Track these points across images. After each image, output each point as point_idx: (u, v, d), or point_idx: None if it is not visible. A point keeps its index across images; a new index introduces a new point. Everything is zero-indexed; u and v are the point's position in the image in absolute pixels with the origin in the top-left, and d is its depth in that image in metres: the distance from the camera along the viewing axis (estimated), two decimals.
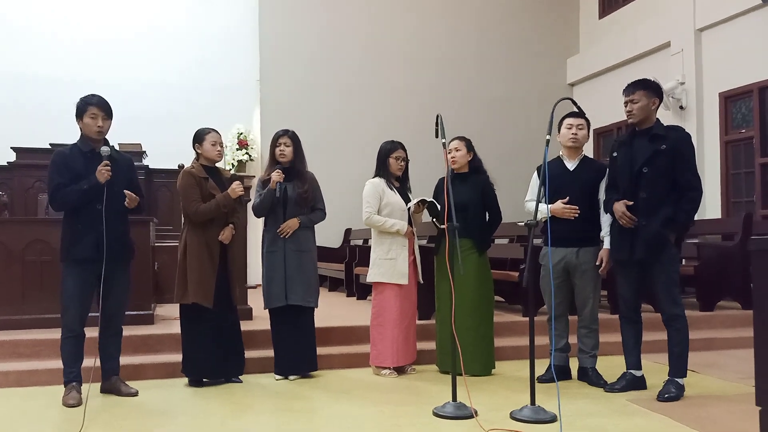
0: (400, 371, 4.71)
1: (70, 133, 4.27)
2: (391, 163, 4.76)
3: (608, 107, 9.51)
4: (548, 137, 3.75)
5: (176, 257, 4.42)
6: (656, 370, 4.44)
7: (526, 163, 7.42)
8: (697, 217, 4.06)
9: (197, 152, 4.50)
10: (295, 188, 4.59)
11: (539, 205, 3.86)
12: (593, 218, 4.28)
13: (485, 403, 3.81)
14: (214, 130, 4.51)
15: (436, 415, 3.61)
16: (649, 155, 3.90)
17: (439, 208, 4.49)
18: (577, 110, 4.28)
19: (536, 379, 3.74)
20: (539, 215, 3.90)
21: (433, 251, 4.91)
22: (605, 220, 4.20)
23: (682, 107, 8.80)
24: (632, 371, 4.13)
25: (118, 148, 4.57)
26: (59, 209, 4.06)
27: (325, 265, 8.64)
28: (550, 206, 4.25)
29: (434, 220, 4.68)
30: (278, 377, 4.57)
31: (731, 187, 8.43)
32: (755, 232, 6.27)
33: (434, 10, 10.91)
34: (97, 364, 4.01)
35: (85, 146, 4.04)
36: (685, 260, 6.56)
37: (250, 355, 4.68)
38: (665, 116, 8.04)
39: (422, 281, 4.85)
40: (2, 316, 5.06)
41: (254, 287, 6.88)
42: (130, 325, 4.62)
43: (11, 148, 7.50)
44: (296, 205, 4.59)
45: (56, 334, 4.12)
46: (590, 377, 4.32)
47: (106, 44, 9.73)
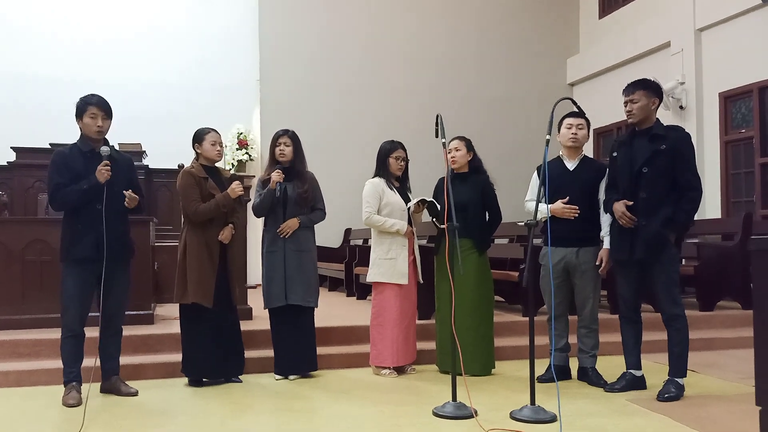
0: (399, 371, 4.71)
1: (70, 133, 4.27)
2: (390, 162, 4.76)
3: (608, 107, 9.51)
4: (548, 137, 3.75)
5: (176, 257, 4.42)
6: (656, 370, 4.44)
7: (526, 163, 7.43)
8: (697, 217, 4.06)
9: (197, 152, 4.50)
10: (295, 188, 4.59)
11: (539, 204, 3.86)
12: (593, 218, 4.28)
13: (485, 403, 3.81)
14: (213, 129, 4.52)
15: (436, 415, 3.61)
16: (648, 155, 3.90)
17: (438, 207, 4.49)
18: (577, 110, 4.28)
19: (536, 379, 3.74)
20: (539, 215, 3.90)
21: (433, 251, 4.91)
22: (605, 219, 4.20)
23: (682, 107, 8.80)
24: (632, 371, 4.13)
25: (117, 147, 4.57)
26: (59, 209, 4.06)
27: (325, 264, 8.64)
28: (550, 206, 4.25)
29: (434, 219, 4.68)
30: (278, 377, 4.57)
31: (731, 187, 8.43)
32: (755, 232, 6.27)
33: (434, 10, 10.92)
34: (97, 364, 4.01)
35: (84, 146, 4.04)
36: (685, 260, 6.56)
37: (249, 355, 4.68)
38: (665, 116, 8.05)
39: (422, 281, 4.85)
40: (2, 315, 5.06)
41: (254, 287, 6.88)
42: (130, 324, 4.62)
43: (11, 147, 7.49)
44: (296, 205, 4.59)
45: (56, 334, 4.12)
46: (590, 377, 4.32)
47: (106, 44, 9.73)
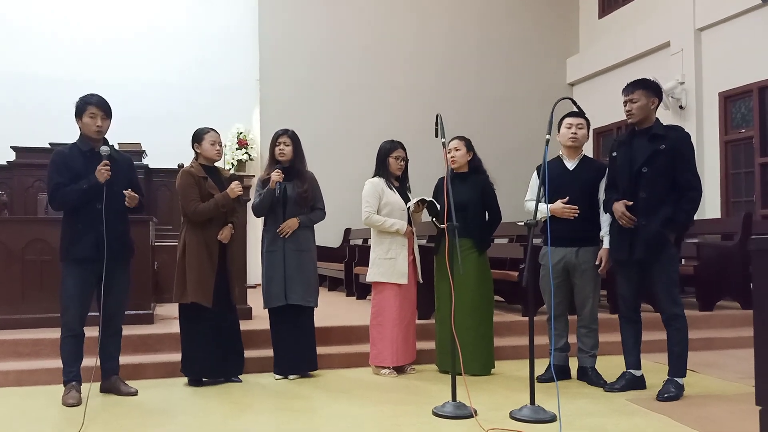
0: (399, 371, 4.71)
1: (69, 132, 4.27)
2: (390, 162, 4.76)
3: (608, 107, 9.51)
4: (548, 137, 3.75)
5: (176, 257, 4.42)
6: (656, 369, 4.44)
7: (526, 163, 7.42)
8: (696, 216, 4.06)
9: (196, 152, 4.50)
10: (294, 188, 4.59)
11: (539, 204, 3.86)
12: (593, 218, 4.28)
13: (485, 402, 3.81)
14: (213, 129, 4.52)
15: (435, 414, 3.61)
16: (648, 155, 3.90)
17: (438, 207, 4.49)
18: (576, 110, 4.28)
19: (536, 378, 3.73)
20: (539, 215, 3.90)
21: (432, 251, 4.91)
22: (605, 219, 4.20)
23: (681, 107, 8.80)
24: (632, 371, 4.13)
25: (117, 147, 4.57)
26: (59, 209, 4.06)
27: (324, 264, 8.63)
28: (549, 206, 4.25)
29: (434, 219, 4.68)
30: (278, 377, 4.57)
31: (731, 186, 8.43)
32: (755, 231, 6.27)
33: (434, 9, 10.91)
34: (97, 363, 4.01)
35: (84, 146, 4.04)
36: (684, 260, 6.56)
37: (249, 354, 4.68)
38: (665, 116, 8.05)
39: (422, 281, 4.85)
40: (2, 315, 5.05)
41: (254, 287, 6.88)
42: (129, 324, 4.62)
43: (11, 147, 7.51)
44: (296, 204, 4.59)
45: (56, 333, 4.12)
46: (590, 377, 4.32)
47: (106, 44, 9.73)
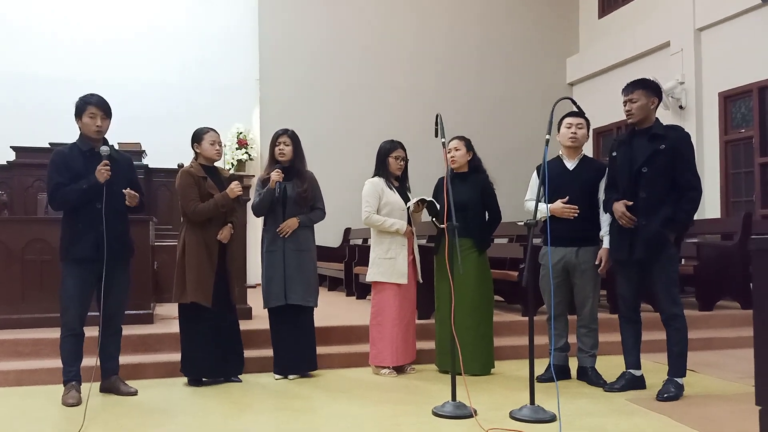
0: (399, 370, 4.71)
1: (69, 132, 4.27)
2: (390, 162, 4.76)
3: (608, 107, 9.50)
4: (548, 137, 3.75)
5: (176, 256, 4.42)
6: (656, 369, 4.44)
7: (526, 163, 7.41)
8: (696, 216, 4.06)
9: (196, 152, 4.50)
10: (294, 187, 4.59)
11: (539, 204, 3.86)
12: (593, 218, 4.28)
13: (485, 402, 3.81)
14: (212, 129, 4.52)
15: (435, 414, 3.61)
16: (648, 155, 3.89)
17: (438, 207, 4.49)
18: (576, 110, 4.28)
19: (536, 378, 3.73)
20: (539, 215, 3.90)
21: (432, 251, 4.91)
22: (605, 219, 4.20)
23: (681, 107, 8.80)
24: (631, 371, 4.13)
25: (117, 147, 4.57)
26: (59, 208, 4.06)
27: (324, 264, 8.63)
28: (549, 206, 4.25)
29: (434, 219, 4.68)
30: (278, 377, 4.57)
31: (731, 186, 8.43)
32: (755, 231, 6.28)
33: (434, 9, 10.91)
34: (96, 363, 4.01)
35: (84, 145, 4.04)
36: (684, 260, 6.56)
37: (249, 354, 4.67)
38: (665, 116, 8.05)
39: (421, 281, 4.85)
40: (2, 315, 5.05)
41: (254, 287, 6.88)
42: (129, 324, 4.62)
43: (11, 147, 7.51)
44: (296, 204, 4.59)
45: (56, 333, 4.11)
46: (590, 377, 4.32)
47: (106, 44, 9.73)
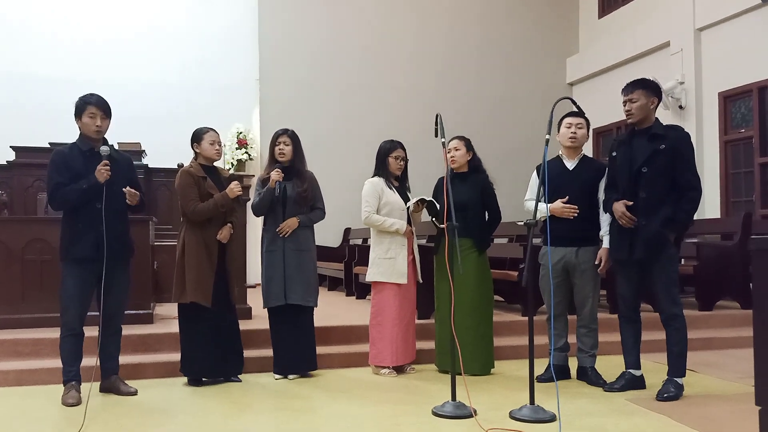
0: (399, 370, 4.71)
1: (69, 132, 4.27)
2: (390, 162, 4.76)
3: (608, 107, 9.50)
4: (548, 137, 3.75)
5: (175, 256, 4.42)
6: (655, 369, 4.44)
7: (526, 163, 7.41)
8: (696, 216, 4.06)
9: (195, 152, 4.50)
10: (294, 187, 4.59)
11: (539, 204, 3.86)
12: (593, 217, 4.28)
13: (484, 402, 3.81)
14: (212, 129, 4.52)
15: (435, 414, 3.60)
16: (648, 155, 3.89)
17: (438, 207, 4.49)
18: (576, 110, 4.28)
19: (535, 378, 3.73)
20: (538, 214, 3.90)
21: (432, 251, 4.91)
22: (604, 219, 4.20)
23: (681, 107, 8.80)
24: (631, 371, 4.13)
25: (117, 147, 4.57)
26: (58, 208, 4.06)
27: (324, 264, 8.64)
28: (549, 205, 4.25)
29: (433, 219, 4.68)
30: (277, 376, 4.57)
31: (730, 186, 8.43)
32: (754, 231, 6.28)
33: (434, 10, 10.91)
34: (96, 363, 4.01)
35: (84, 145, 4.03)
36: (684, 260, 6.57)
37: (249, 354, 4.68)
38: (665, 116, 8.05)
39: (421, 281, 4.85)
40: (2, 315, 5.05)
41: (254, 286, 6.88)
42: (129, 324, 4.61)
43: (11, 147, 7.51)
44: (295, 204, 4.59)
45: (56, 333, 4.11)
46: (589, 377, 4.32)
47: (106, 44, 9.74)
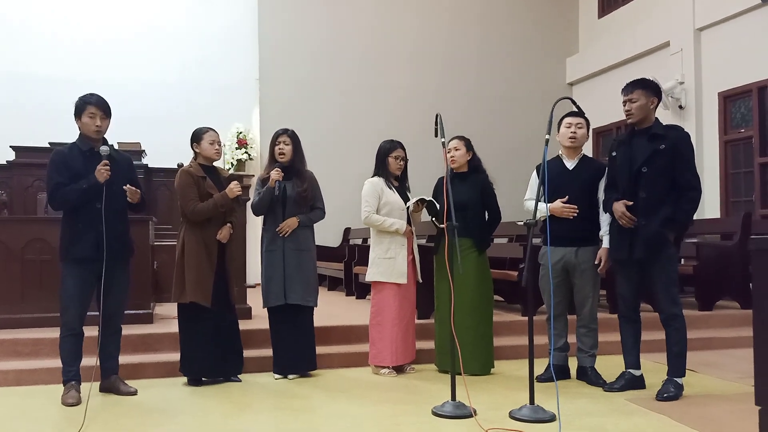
0: (399, 370, 4.71)
1: (69, 132, 4.27)
2: (390, 162, 4.76)
3: (607, 107, 9.50)
4: (547, 137, 3.75)
5: (175, 256, 4.42)
6: (655, 369, 4.44)
7: (526, 162, 7.40)
8: (696, 216, 4.06)
9: (195, 151, 4.50)
10: (294, 187, 4.59)
11: (538, 203, 3.86)
12: (592, 217, 4.28)
13: (484, 402, 3.81)
14: (211, 129, 4.52)
15: (435, 414, 3.60)
16: (648, 155, 3.89)
17: (438, 207, 4.49)
18: (576, 109, 4.28)
19: (535, 378, 3.73)
20: (538, 214, 3.90)
21: (432, 250, 4.91)
22: (604, 219, 4.20)
23: (681, 107, 8.80)
24: (631, 370, 4.13)
25: (117, 147, 4.57)
26: (58, 208, 4.06)
27: (324, 264, 8.64)
28: (549, 205, 4.25)
29: (433, 219, 4.68)
30: (277, 376, 4.57)
31: (730, 186, 8.43)
32: (754, 231, 6.28)
33: (434, 9, 10.91)
34: (96, 363, 4.01)
35: (84, 145, 4.03)
36: (684, 260, 6.57)
37: (249, 354, 4.68)
38: (664, 116, 8.05)
39: (421, 280, 4.85)
40: (2, 314, 5.05)
41: (254, 286, 6.88)
42: (129, 324, 4.61)
43: (10, 146, 7.51)
44: (295, 204, 4.59)
45: (56, 333, 4.11)
46: (589, 377, 4.32)
47: (106, 44, 9.74)
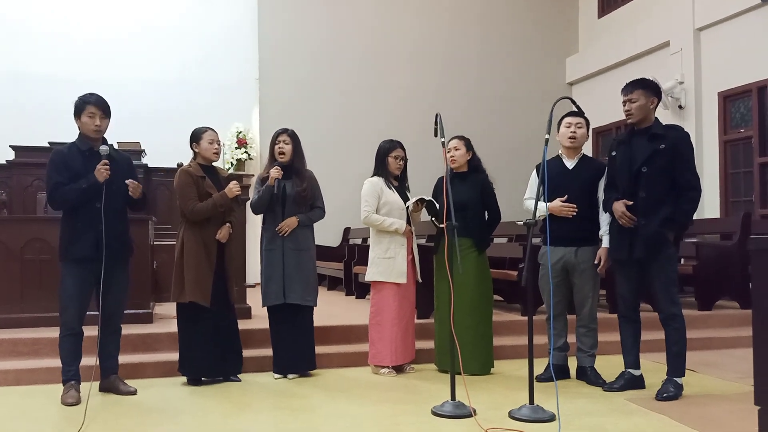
0: (398, 370, 4.71)
1: (69, 131, 4.27)
2: (389, 162, 4.76)
3: (607, 106, 9.50)
4: (547, 136, 3.75)
5: (174, 256, 4.42)
6: (655, 369, 4.44)
7: (526, 162, 7.39)
8: (695, 216, 4.06)
9: (194, 151, 4.50)
10: (294, 186, 4.59)
11: (538, 203, 3.85)
12: (592, 217, 4.27)
13: (484, 402, 3.81)
14: (211, 128, 4.51)
15: (434, 414, 3.61)
16: (648, 154, 3.89)
17: (437, 207, 4.49)
18: (576, 109, 4.28)
19: (535, 378, 3.74)
20: (538, 213, 3.90)
21: (432, 250, 4.91)
22: (604, 219, 4.20)
23: (681, 107, 8.80)
24: (631, 370, 4.13)
25: (116, 146, 4.57)
26: (58, 208, 4.06)
27: (324, 263, 8.63)
28: (548, 204, 4.25)
29: (433, 219, 4.68)
30: (277, 376, 4.57)
31: (730, 186, 8.42)
32: (754, 231, 6.28)
33: (434, 9, 10.90)
34: (96, 362, 4.00)
35: (83, 145, 4.03)
36: (683, 259, 6.57)
37: (248, 353, 4.67)
38: (664, 115, 8.05)
39: (420, 280, 4.85)
40: (1, 314, 5.05)
41: (253, 286, 6.88)
42: (128, 323, 4.60)
43: (10, 146, 7.50)
44: (295, 203, 4.59)
45: (55, 332, 4.11)
46: (589, 376, 4.32)
47: (105, 43, 9.73)
